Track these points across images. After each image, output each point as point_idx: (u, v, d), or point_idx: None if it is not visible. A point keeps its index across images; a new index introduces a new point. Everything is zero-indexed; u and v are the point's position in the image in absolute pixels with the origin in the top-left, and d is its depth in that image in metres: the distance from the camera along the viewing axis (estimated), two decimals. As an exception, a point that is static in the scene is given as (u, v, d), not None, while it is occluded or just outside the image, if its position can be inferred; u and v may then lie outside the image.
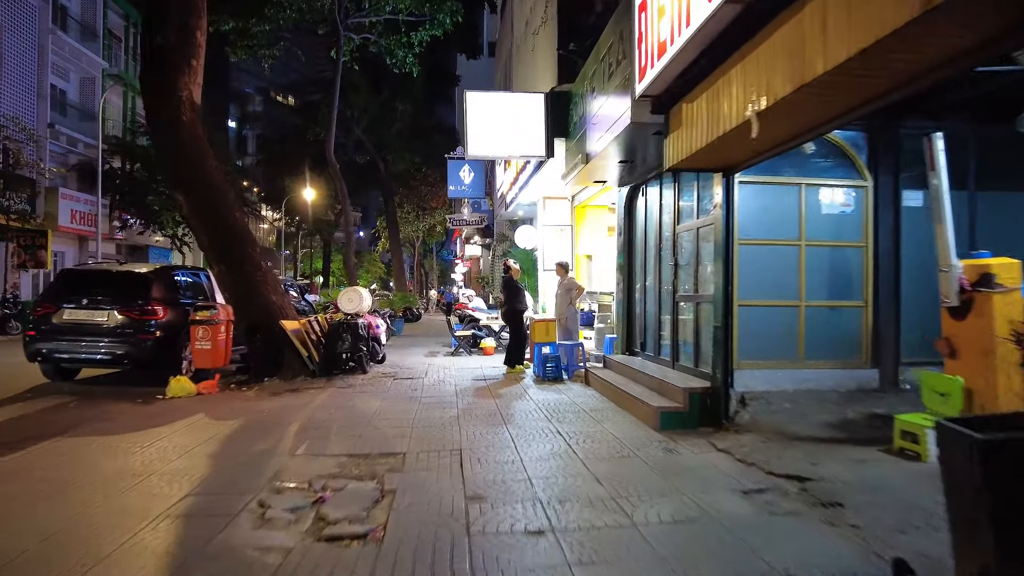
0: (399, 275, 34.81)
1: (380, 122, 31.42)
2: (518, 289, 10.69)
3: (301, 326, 10.37)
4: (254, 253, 10.86)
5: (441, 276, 63.41)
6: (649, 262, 8.97)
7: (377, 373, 10.66)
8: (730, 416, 6.42)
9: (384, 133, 32.11)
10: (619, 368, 8.91)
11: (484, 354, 13.45)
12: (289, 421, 7.23)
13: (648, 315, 9.00)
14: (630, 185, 9.53)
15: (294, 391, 9.29)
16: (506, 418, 7.19)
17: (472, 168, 20.98)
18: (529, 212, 17.29)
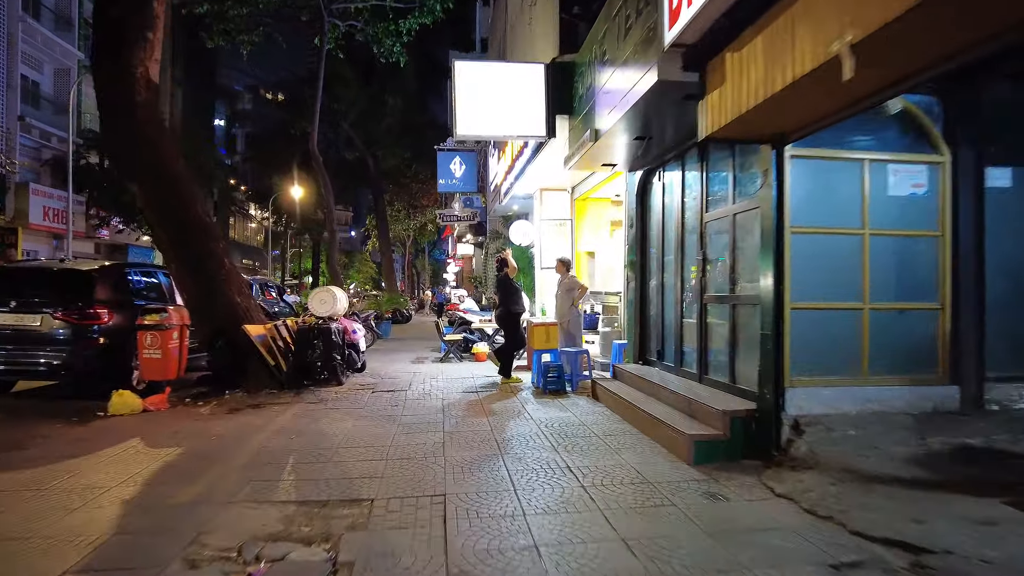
0: (389, 275, 33.43)
1: (369, 116, 30.04)
2: (514, 289, 9.34)
3: (267, 331, 8.99)
4: (217, 249, 9.49)
5: (433, 276, 62.00)
6: (667, 257, 7.65)
7: (354, 384, 9.29)
8: (782, 446, 5.09)
9: (373, 128, 30.72)
10: (633, 380, 7.57)
11: (476, 360, 12.09)
12: (239, 449, 5.86)
13: (667, 319, 7.67)
14: (644, 169, 8.20)
15: (256, 407, 7.92)
16: (502, 446, 5.84)
17: (463, 160, 19.59)
18: (525, 206, 15.93)
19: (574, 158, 8.24)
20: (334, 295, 9.03)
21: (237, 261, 49.60)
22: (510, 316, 9.27)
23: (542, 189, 13.06)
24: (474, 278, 28.63)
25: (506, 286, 9.29)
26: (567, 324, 9.31)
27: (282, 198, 40.89)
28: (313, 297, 9.14)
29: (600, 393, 7.85)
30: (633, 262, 8.50)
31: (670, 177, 7.60)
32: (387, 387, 9.08)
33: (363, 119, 30.27)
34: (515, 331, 9.38)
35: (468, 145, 20.11)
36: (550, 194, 13.10)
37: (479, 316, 13.39)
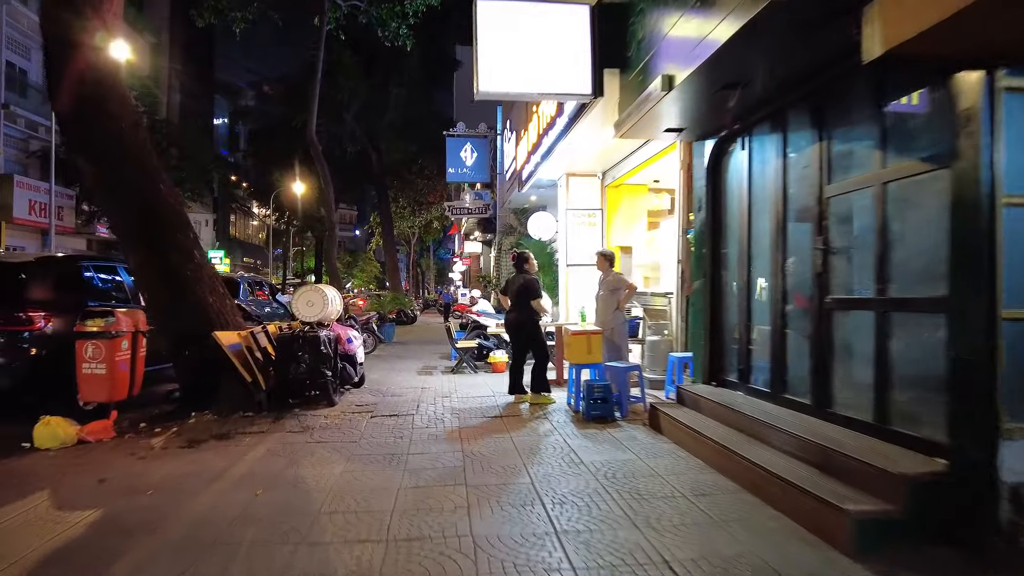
0: (393, 274, 31.50)
1: (372, 108, 28.14)
2: (537, 290, 7.47)
3: (242, 339, 7.13)
4: (185, 239, 7.66)
5: (438, 276, 60.14)
6: (758, 247, 5.77)
7: (349, 405, 7.43)
8: (1001, 528, 3.23)
9: (377, 120, 28.83)
10: (712, 410, 5.69)
11: (494, 371, 10.22)
12: (176, 517, 4.01)
13: (756, 329, 5.79)
14: (718, 136, 6.33)
15: (223, 437, 6.08)
16: (554, 514, 3.96)
17: (475, 147, 17.69)
18: (543, 197, 14.05)
19: (629, 122, 6.37)
20: (324, 296, 7.15)
21: (238, 260, 47.80)
22: (533, 324, 7.41)
23: (569, 174, 11.19)
24: (482, 277, 26.73)
25: (527, 287, 7.43)
26: (610, 332, 7.44)
27: (284, 195, 39.11)
28: (299, 298, 7.24)
29: (664, 424, 5.98)
30: (702, 256, 6.63)
31: (762, 143, 5.72)
32: (389, 409, 7.20)
33: (366, 111, 28.36)
34: (542, 341, 7.52)
35: (480, 131, 18.24)
36: (578, 181, 11.22)
37: (495, 320, 11.54)
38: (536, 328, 7.46)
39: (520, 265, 7.68)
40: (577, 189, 11.20)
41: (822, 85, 4.66)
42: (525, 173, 11.60)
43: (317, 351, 6.78)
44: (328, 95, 27.08)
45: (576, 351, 6.98)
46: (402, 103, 29.38)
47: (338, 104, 27.51)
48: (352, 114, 28.25)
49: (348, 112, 27.85)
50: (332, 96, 27.27)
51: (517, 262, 7.70)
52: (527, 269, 7.63)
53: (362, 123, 28.82)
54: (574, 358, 7.03)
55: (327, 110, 28.04)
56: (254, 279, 14.06)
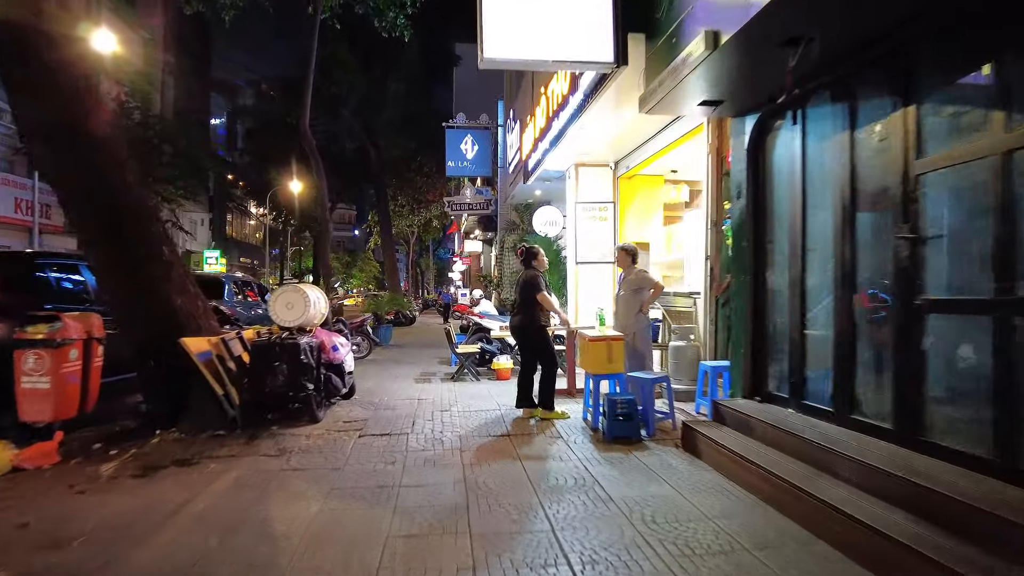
0: (392, 274, 30.51)
1: (370, 103, 27.19)
2: (536, 286, 6.57)
3: (212, 347, 6.20)
4: (152, 233, 6.76)
5: (438, 276, 59.22)
6: (817, 238, 4.84)
7: (336, 421, 6.50)
8: None
9: (375, 116, 27.85)
10: (762, 431, 4.77)
11: (498, 378, 9.30)
12: None
13: (813, 334, 4.86)
14: (763, 110, 5.40)
15: (185, 463, 5.17)
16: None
17: (476, 139, 16.73)
18: (549, 191, 13.12)
19: (658, 94, 5.43)
20: (306, 297, 6.20)
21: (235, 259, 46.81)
22: (539, 330, 6.49)
23: (578, 165, 10.26)
24: (483, 277, 25.79)
25: (532, 285, 6.51)
26: (632, 338, 6.50)
27: (281, 194, 38.17)
28: (277, 300, 6.29)
29: (702, 447, 5.05)
30: (741, 250, 5.71)
31: (821, 115, 4.79)
32: (380, 426, 6.27)
33: (364, 106, 27.40)
34: (549, 348, 6.58)
35: (481, 122, 17.29)
36: (588, 171, 10.29)
37: (499, 322, 10.61)
38: (541, 333, 6.52)
39: (528, 261, 6.75)
40: (587, 180, 10.27)
41: (917, 35, 3.73)
42: (531, 163, 10.66)
43: (297, 361, 5.85)
44: (325, 90, 26.13)
45: (594, 359, 6.06)
46: (400, 99, 28.44)
47: (335, 99, 26.58)
48: (350, 110, 27.32)
49: (345, 108, 26.92)
50: (329, 91, 26.34)
51: (525, 258, 6.77)
52: (535, 266, 6.71)
53: (360, 119, 27.87)
54: (591, 367, 6.10)
55: (324, 106, 27.13)
56: (241, 279, 13.14)
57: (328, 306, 7.02)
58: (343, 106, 26.67)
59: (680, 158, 9.16)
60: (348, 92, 26.58)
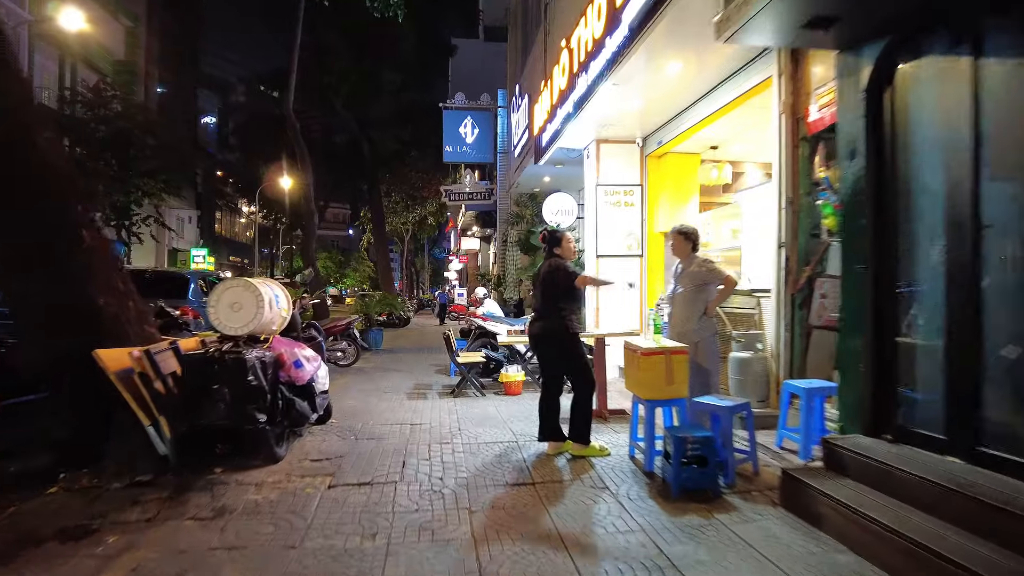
0: (385, 273, 28.72)
1: (362, 92, 25.43)
2: (573, 287, 4.91)
3: (134, 362, 4.52)
4: (67, 213, 5.13)
5: (433, 275, 57.46)
6: (993, 213, 3.21)
7: (302, 458, 4.83)
8: None
9: (368, 108, 26.12)
10: (919, 491, 3.14)
11: (506, 393, 7.65)
12: None
13: (994, 352, 3.22)
14: (888, 40, 3.78)
15: (71, 536, 3.55)
16: None
17: (476, 122, 15.05)
18: (560, 177, 11.50)
19: (747, 10, 3.80)
20: (258, 296, 4.50)
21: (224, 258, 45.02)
22: (571, 338, 4.86)
23: (599, 141, 8.64)
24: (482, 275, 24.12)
25: (558, 280, 4.87)
26: (694, 350, 4.84)
27: (271, 190, 36.48)
28: (219, 298, 4.57)
29: (822, 510, 3.42)
30: (859, 231, 4.07)
31: (997, 43, 3.18)
32: (359, 470, 4.59)
33: (356, 98, 25.66)
34: (585, 362, 4.93)
35: (483, 103, 15.62)
36: (612, 150, 8.68)
37: (506, 325, 8.94)
38: (573, 342, 4.85)
39: (552, 248, 5.11)
40: (610, 159, 8.65)
41: None
42: (546, 137, 9.00)
43: (242, 383, 4.17)
44: (316, 81, 24.45)
45: (648, 380, 4.42)
46: (394, 90, 26.73)
47: (326, 89, 24.87)
48: (341, 101, 25.60)
49: (337, 97, 25.18)
50: (321, 81, 24.66)
51: (548, 244, 5.12)
52: (559, 254, 5.06)
53: (352, 111, 26.15)
54: (644, 390, 4.46)
55: (315, 97, 25.46)
56: (212, 276, 11.47)
57: (292, 306, 5.35)
58: (335, 95, 24.94)
59: (725, 129, 7.59)
60: (340, 82, 24.89)
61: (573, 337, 4.77)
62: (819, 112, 5.21)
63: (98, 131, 20.30)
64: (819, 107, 5.21)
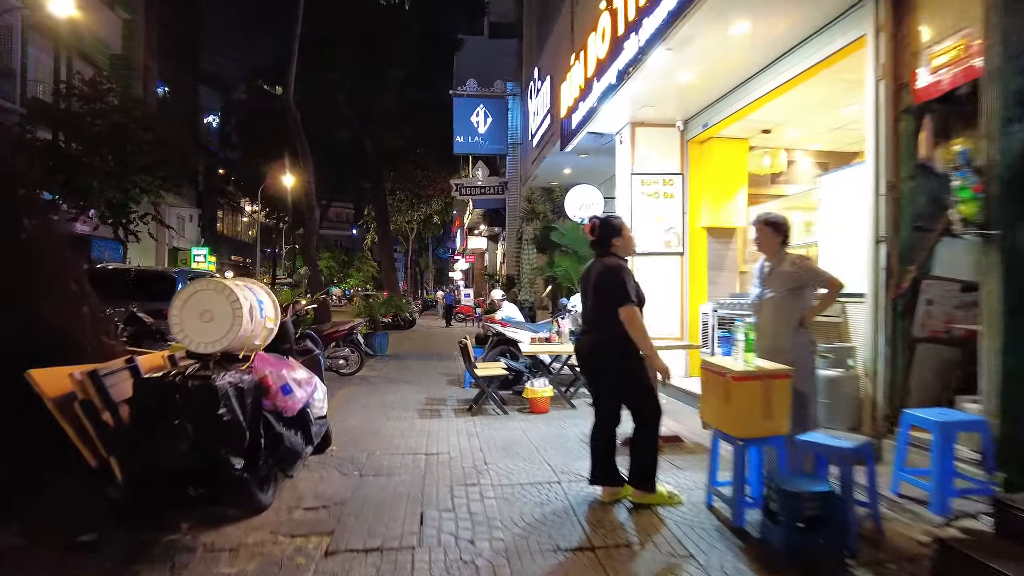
0: (389, 273, 27.62)
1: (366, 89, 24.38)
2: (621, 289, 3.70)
3: (77, 386, 3.49)
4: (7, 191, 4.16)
5: (437, 275, 56.42)
6: None
7: (293, 507, 3.79)
8: None
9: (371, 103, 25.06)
10: None
11: (532, 410, 6.61)
12: None
13: None
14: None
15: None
16: None
17: (489, 110, 13.97)
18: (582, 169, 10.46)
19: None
20: (233, 302, 3.43)
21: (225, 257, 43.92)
22: (633, 358, 3.74)
23: (635, 124, 7.61)
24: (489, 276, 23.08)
25: (609, 281, 3.79)
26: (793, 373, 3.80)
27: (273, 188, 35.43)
28: (183, 305, 3.48)
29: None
30: None
31: None
32: (365, 526, 3.54)
33: (359, 93, 24.59)
34: (650, 388, 3.86)
35: (496, 90, 14.56)
36: (649, 134, 7.65)
37: (528, 332, 7.89)
38: (635, 362, 3.73)
39: (604, 241, 3.98)
40: (647, 145, 7.62)
41: None
42: (576, 118, 7.94)
43: (209, 418, 3.14)
44: (317, 76, 23.44)
45: (740, 413, 3.38)
46: (398, 86, 25.66)
47: (328, 84, 23.85)
48: (344, 97, 24.55)
49: (339, 93, 24.14)
50: (323, 77, 23.64)
51: (600, 234, 3.96)
52: (615, 248, 3.98)
53: (355, 107, 25.09)
54: (736, 426, 3.42)
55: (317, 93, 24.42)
56: (199, 274, 10.45)
57: (282, 314, 4.32)
58: (337, 90, 23.90)
59: (784, 110, 6.55)
60: (342, 78, 23.87)
61: (635, 357, 3.71)
62: (932, 76, 4.18)
63: (94, 125, 19.45)
64: (932, 69, 4.17)
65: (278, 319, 4.01)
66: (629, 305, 3.61)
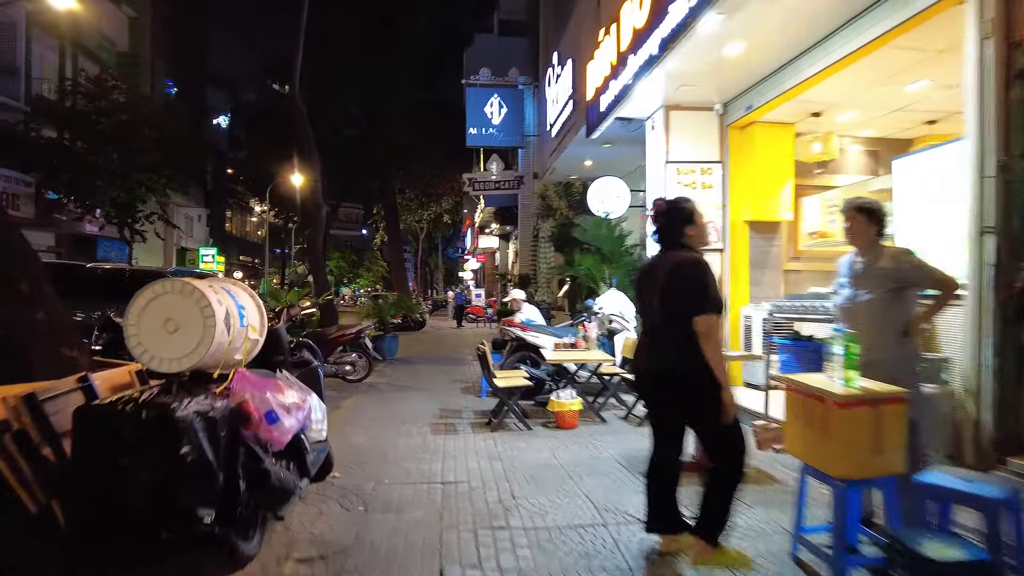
0: (399, 273, 26.87)
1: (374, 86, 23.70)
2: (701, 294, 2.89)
3: (10, 411, 2.78)
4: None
5: (447, 275, 55.74)
6: None
7: (283, 561, 3.07)
8: None
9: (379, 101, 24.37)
10: None
11: (559, 425, 5.86)
12: None
13: None
14: None
15: None
16: None
17: (504, 100, 13.19)
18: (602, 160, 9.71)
19: None
20: (204, 307, 2.72)
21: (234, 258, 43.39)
22: (712, 386, 2.86)
23: (669, 108, 6.86)
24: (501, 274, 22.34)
25: (686, 282, 2.97)
26: (894, 386, 3.03)
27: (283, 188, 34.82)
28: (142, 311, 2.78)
29: None
30: None
31: None
32: (373, 581, 2.86)
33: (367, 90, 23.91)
34: (732, 420, 3.06)
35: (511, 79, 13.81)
36: (684, 119, 6.90)
37: (552, 337, 7.12)
38: (721, 392, 2.90)
39: (674, 230, 3.12)
40: (683, 131, 6.87)
41: None
42: (606, 100, 7.16)
43: (170, 457, 2.43)
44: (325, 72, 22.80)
45: (844, 447, 2.63)
46: (405, 83, 24.94)
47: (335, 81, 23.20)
48: (350, 94, 23.89)
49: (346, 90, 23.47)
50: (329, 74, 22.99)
51: (669, 220, 3.12)
52: (689, 238, 3.13)
53: (362, 104, 24.43)
54: (839, 463, 2.67)
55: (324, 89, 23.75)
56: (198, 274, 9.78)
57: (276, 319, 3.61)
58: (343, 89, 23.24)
59: (839, 88, 5.81)
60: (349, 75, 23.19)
61: (716, 385, 2.91)
62: (1056, 31, 3.41)
63: (99, 123, 18.99)
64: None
65: (264, 328, 3.29)
66: (708, 315, 2.82)
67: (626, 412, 6.26)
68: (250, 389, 2.78)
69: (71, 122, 19.54)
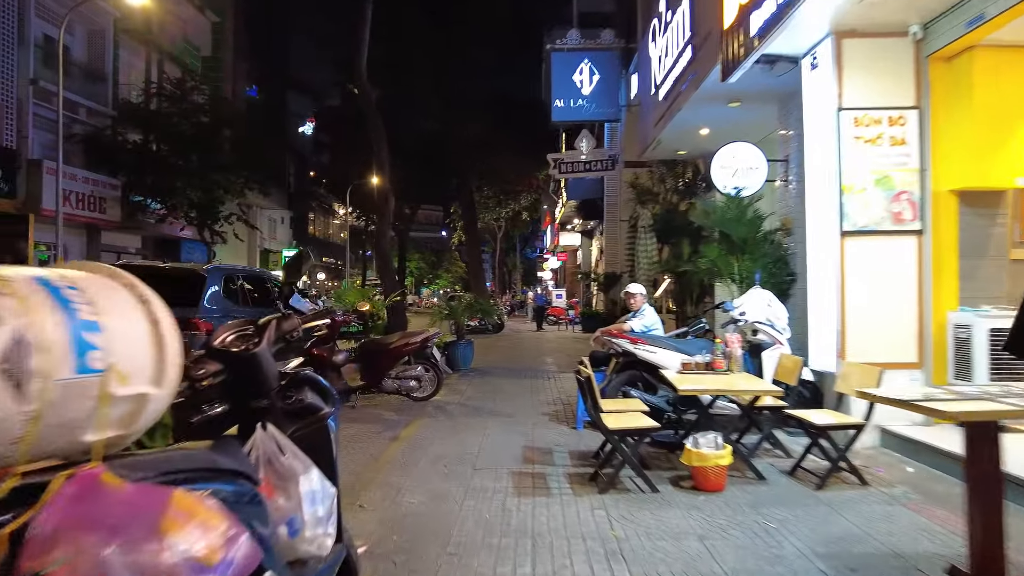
0: (476, 274, 25.41)
1: (451, 77, 22.42)
2: None
3: None
4: None
5: (525, 275, 54.13)
6: None
7: None
8: None
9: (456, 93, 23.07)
10: None
11: (696, 486, 3.99)
12: None
13: None
14: None
15: None
16: None
17: (595, 66, 11.18)
18: (725, 125, 7.68)
19: None
20: None
21: (317, 259, 43.51)
22: None
23: (840, 34, 4.84)
24: (584, 274, 20.43)
25: None
26: None
27: (364, 191, 34.28)
28: None
29: None
30: None
31: None
32: None
33: (443, 82, 22.65)
34: None
35: (603, 42, 11.84)
36: (862, 50, 4.87)
37: (677, 352, 5.14)
38: None
39: None
40: (861, 67, 4.84)
41: None
42: (756, 23, 5.17)
43: None
44: (398, 63, 21.75)
45: None
46: (486, 73, 23.51)
47: (410, 73, 22.06)
48: (426, 86, 22.72)
49: (418, 84, 22.32)
50: (404, 64, 21.88)
51: None
52: None
53: (438, 96, 23.18)
54: None
55: (398, 81, 22.68)
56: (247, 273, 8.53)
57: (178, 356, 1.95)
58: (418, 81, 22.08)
59: None
60: (425, 65, 22.00)
61: None
62: None
63: (180, 125, 18.81)
64: None
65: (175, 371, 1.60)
66: None
67: (793, 464, 4.28)
68: (75, 536, 1.10)
69: (154, 124, 19.38)
